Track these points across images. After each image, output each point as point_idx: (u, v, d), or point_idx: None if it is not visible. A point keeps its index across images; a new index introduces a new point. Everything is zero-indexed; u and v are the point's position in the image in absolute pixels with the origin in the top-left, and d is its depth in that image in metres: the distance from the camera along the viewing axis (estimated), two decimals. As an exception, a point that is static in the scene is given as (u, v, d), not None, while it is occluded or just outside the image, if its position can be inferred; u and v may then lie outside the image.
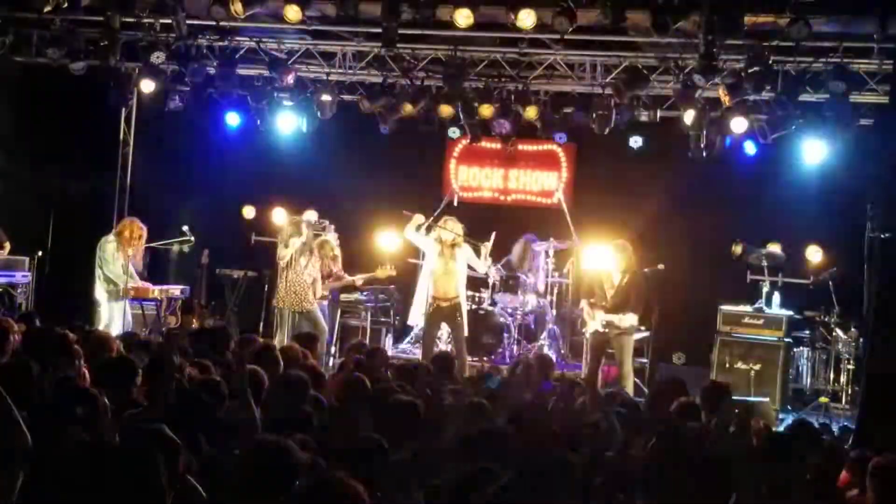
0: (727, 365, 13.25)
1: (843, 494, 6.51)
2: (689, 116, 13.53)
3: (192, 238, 13.81)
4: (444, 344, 13.77)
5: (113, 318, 12.83)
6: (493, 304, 14.48)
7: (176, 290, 14.17)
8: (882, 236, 10.04)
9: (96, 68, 14.03)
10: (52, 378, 6.78)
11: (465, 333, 13.20)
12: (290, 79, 14.23)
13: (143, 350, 8.69)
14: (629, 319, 12.08)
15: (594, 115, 13.89)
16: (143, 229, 13.44)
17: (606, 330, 12.19)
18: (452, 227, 13.14)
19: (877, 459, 6.18)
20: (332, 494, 3.72)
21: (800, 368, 14.02)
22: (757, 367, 13.06)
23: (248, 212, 15.99)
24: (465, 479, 4.65)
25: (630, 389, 11.39)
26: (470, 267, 13.32)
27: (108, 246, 13.19)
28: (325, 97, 14.53)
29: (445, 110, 14.24)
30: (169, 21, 13.23)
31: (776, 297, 13.68)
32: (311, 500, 3.76)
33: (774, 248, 13.97)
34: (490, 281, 14.42)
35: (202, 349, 9.28)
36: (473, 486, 4.61)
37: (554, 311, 14.80)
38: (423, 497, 5.08)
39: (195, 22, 13.34)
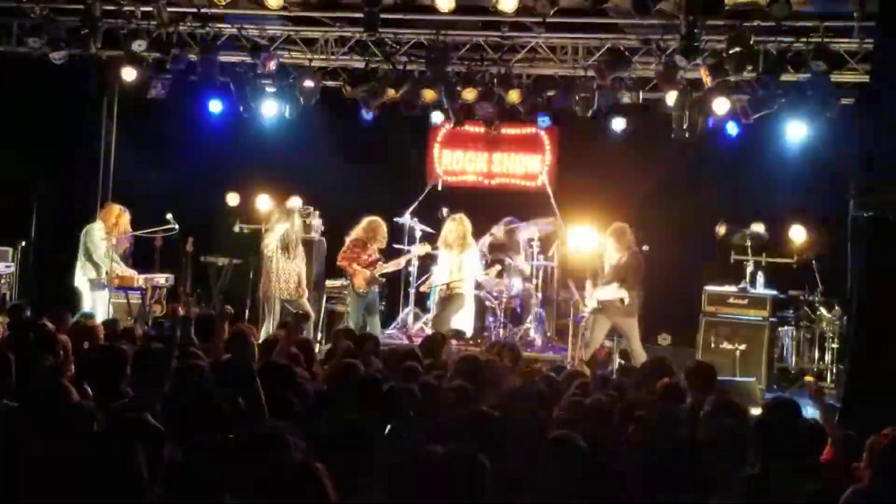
0: (712, 345, 13.28)
1: (826, 472, 6.54)
2: (671, 98, 13.55)
3: (177, 226, 13.76)
4: (429, 329, 13.85)
5: (96, 306, 12.81)
6: (479, 287, 14.48)
7: (161, 278, 14.15)
8: (865, 215, 10.10)
9: (77, 57, 13.98)
10: (36, 370, 6.77)
11: (449, 323, 13.43)
12: (273, 65, 14.20)
13: (129, 339, 8.69)
14: (619, 292, 12.17)
15: (577, 98, 13.91)
16: (127, 213, 13.45)
17: (601, 307, 12.30)
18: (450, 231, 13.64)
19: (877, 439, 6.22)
20: (295, 474, 3.74)
21: (785, 348, 14.06)
22: (742, 347, 13.10)
23: (233, 199, 15.93)
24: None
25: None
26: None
27: (95, 233, 13.17)
28: (308, 83, 14.50)
29: (428, 95, 14.22)
30: (150, 9, 13.18)
31: (760, 276, 13.72)
32: (276, 480, 3.78)
33: (758, 228, 14.00)
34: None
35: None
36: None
37: (540, 295, 14.82)
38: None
39: (176, 9, 13.31)
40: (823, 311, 13.73)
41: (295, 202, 13.87)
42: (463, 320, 13.74)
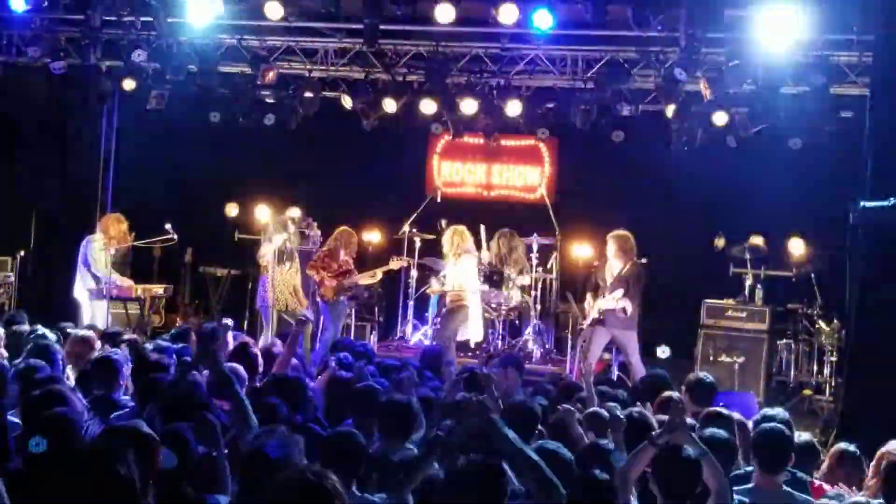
0: (711, 358, 13.26)
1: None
2: (670, 110, 13.55)
3: (175, 236, 13.76)
4: (428, 340, 13.86)
5: (95, 317, 12.80)
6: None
7: (159, 288, 14.14)
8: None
9: (77, 67, 13.99)
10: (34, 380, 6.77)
11: (452, 336, 13.36)
12: (272, 76, 14.21)
13: (128, 349, 8.68)
14: (621, 302, 12.06)
15: (576, 110, 13.91)
16: (126, 223, 13.44)
17: (601, 317, 12.22)
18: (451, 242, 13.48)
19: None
20: (309, 489, 3.71)
21: (783, 361, 14.03)
22: (741, 359, 13.08)
23: (232, 209, 15.94)
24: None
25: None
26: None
27: (94, 245, 13.17)
28: (308, 94, 14.51)
29: (428, 106, 14.23)
30: (149, 19, 13.19)
31: (759, 289, 13.71)
32: (288, 495, 3.76)
33: (757, 240, 13.99)
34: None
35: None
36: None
37: (538, 307, 14.79)
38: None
39: (176, 20, 13.31)
40: (822, 324, 13.70)
41: (293, 213, 13.86)
42: (472, 329, 13.64)
